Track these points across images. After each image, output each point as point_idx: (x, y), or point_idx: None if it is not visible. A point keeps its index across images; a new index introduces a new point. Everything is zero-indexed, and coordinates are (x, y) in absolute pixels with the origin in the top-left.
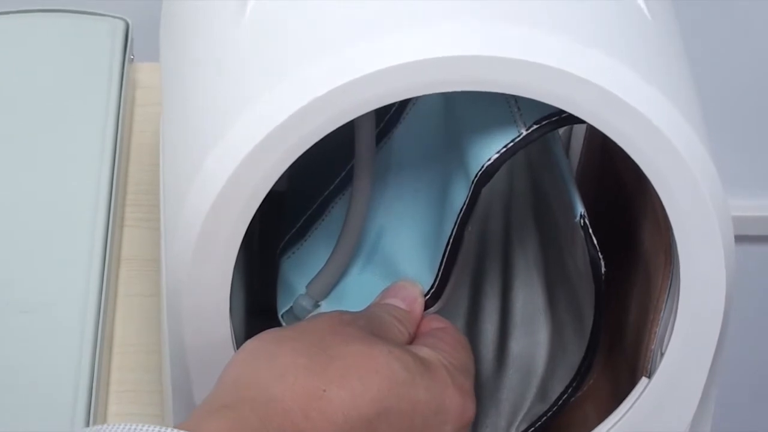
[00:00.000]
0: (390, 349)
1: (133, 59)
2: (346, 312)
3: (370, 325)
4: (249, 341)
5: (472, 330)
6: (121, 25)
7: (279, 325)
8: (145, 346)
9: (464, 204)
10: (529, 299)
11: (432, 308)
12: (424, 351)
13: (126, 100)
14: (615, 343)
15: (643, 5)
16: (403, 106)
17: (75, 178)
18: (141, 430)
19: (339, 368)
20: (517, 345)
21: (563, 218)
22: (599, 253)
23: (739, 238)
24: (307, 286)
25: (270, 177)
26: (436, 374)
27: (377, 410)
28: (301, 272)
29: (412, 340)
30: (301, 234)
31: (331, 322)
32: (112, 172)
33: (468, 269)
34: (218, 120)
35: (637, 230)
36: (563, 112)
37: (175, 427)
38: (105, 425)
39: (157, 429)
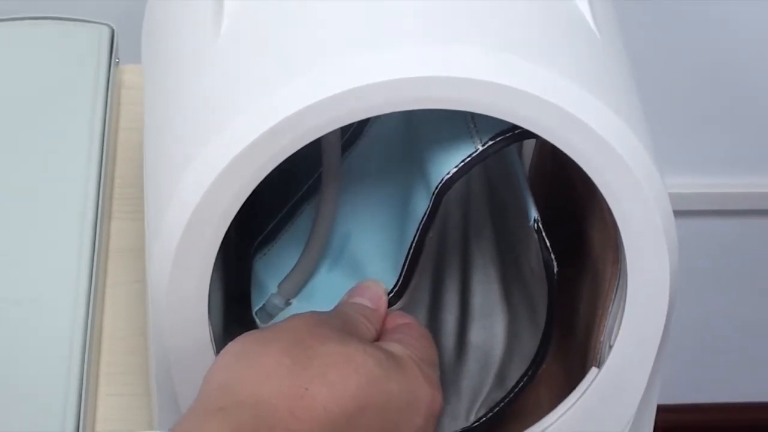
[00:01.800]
0: (364, 347)
1: (118, 62)
2: (319, 312)
3: (342, 324)
4: (231, 344)
5: (433, 323)
6: (106, 31)
7: (252, 319)
8: (132, 330)
9: (426, 213)
10: (486, 294)
11: (395, 305)
12: (393, 347)
13: (112, 100)
14: (567, 334)
15: (592, 24)
16: (364, 120)
17: (64, 174)
18: None
19: (319, 367)
20: (475, 337)
21: (518, 221)
22: (552, 255)
23: (678, 213)
24: (278, 286)
25: (242, 193)
26: (406, 368)
27: (357, 405)
28: (272, 273)
29: (379, 335)
30: (272, 237)
31: (307, 323)
32: (100, 167)
33: (429, 267)
34: (194, 139)
35: (586, 231)
36: (516, 128)
37: (173, 429)
38: None
39: None
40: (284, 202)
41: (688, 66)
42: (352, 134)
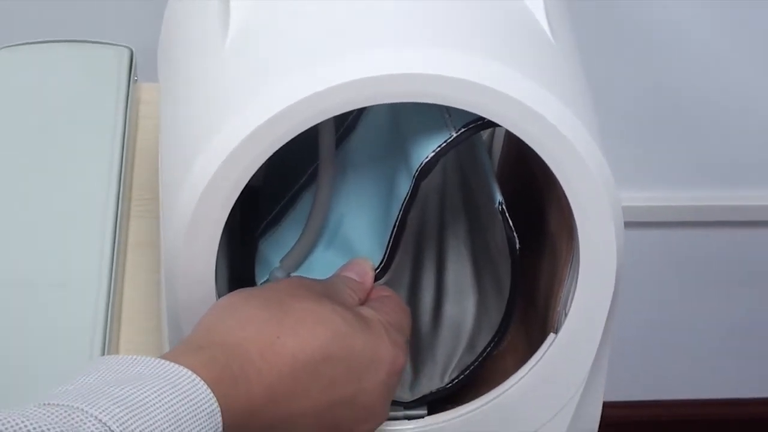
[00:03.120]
0: (334, 307)
1: (137, 80)
2: (306, 278)
3: (325, 290)
4: (222, 298)
5: (412, 299)
6: (126, 53)
7: None
8: (148, 314)
9: (407, 194)
10: (459, 273)
11: (381, 280)
12: (366, 311)
13: (131, 114)
14: (529, 308)
15: (547, 30)
16: (357, 116)
17: (88, 178)
18: (137, 360)
19: (292, 320)
20: (449, 309)
21: (486, 206)
22: (514, 233)
23: (629, 224)
24: (280, 261)
25: (247, 172)
26: (372, 329)
27: (322, 355)
28: (276, 250)
29: (363, 304)
30: (277, 220)
31: (290, 285)
32: (120, 172)
33: (410, 250)
34: (204, 128)
35: (546, 214)
36: (484, 118)
37: (160, 358)
38: (110, 356)
39: (149, 359)
40: (287, 192)
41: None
42: (345, 130)
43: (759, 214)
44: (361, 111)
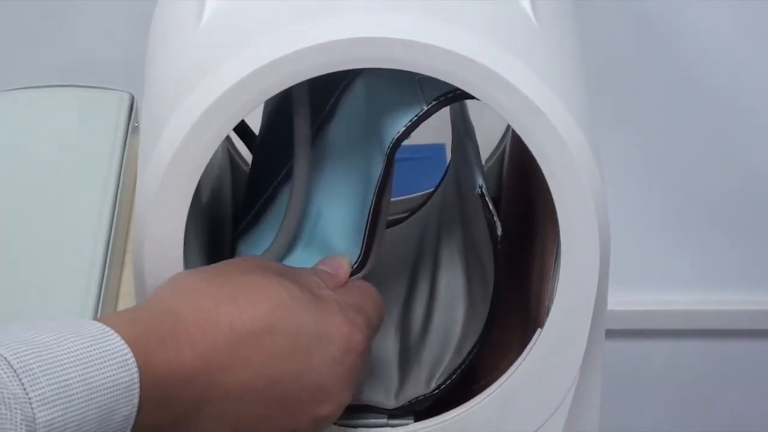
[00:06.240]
0: (281, 281)
1: (137, 126)
2: (268, 260)
3: (284, 271)
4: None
5: (406, 313)
6: (126, 97)
7: None
8: None
9: (380, 174)
10: (451, 280)
11: (360, 273)
12: (323, 291)
13: (129, 157)
14: (523, 308)
15: (531, 15)
16: (334, 106)
17: (81, 218)
18: (62, 318)
19: (232, 291)
20: (439, 317)
21: (472, 198)
22: (494, 218)
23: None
24: None
25: (211, 145)
26: (324, 306)
27: (262, 326)
28: (254, 251)
29: None
30: (255, 221)
31: (243, 261)
32: (111, 224)
33: (407, 265)
34: (179, 90)
35: (535, 206)
36: (457, 90)
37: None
38: (38, 318)
39: (73, 318)
40: (265, 192)
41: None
42: (321, 121)
43: None
44: (337, 100)
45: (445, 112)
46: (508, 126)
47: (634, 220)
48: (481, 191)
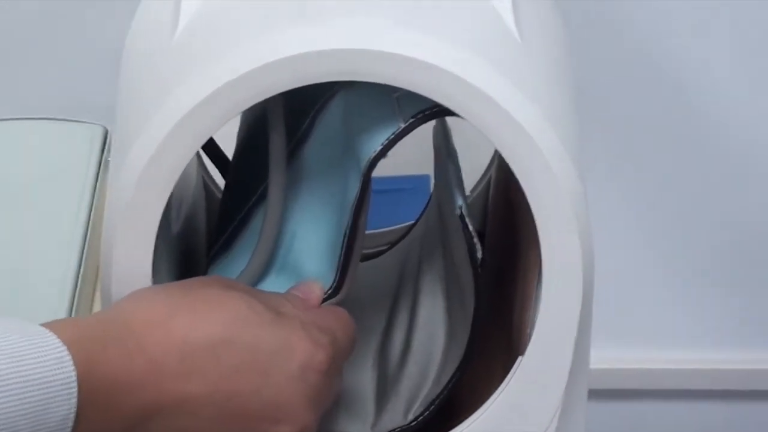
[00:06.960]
0: (242, 295)
1: (110, 161)
2: (234, 280)
3: (250, 290)
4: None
5: (385, 342)
6: (99, 130)
7: None
8: None
9: (357, 194)
10: (432, 308)
11: (335, 298)
12: (287, 308)
13: (101, 190)
14: (507, 337)
15: (515, 32)
16: (310, 126)
17: (52, 249)
18: (6, 319)
19: (189, 302)
20: (418, 346)
21: (452, 219)
22: (474, 240)
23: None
24: None
25: (189, 151)
26: (285, 322)
27: (220, 338)
28: (226, 275)
29: None
30: (229, 243)
31: (207, 278)
32: (84, 242)
33: (389, 294)
34: (150, 104)
35: (518, 230)
36: (435, 107)
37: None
38: None
39: (17, 319)
40: (238, 214)
41: None
42: (297, 142)
43: None
44: (314, 119)
45: (429, 141)
46: (493, 156)
47: (626, 276)
48: (461, 212)
